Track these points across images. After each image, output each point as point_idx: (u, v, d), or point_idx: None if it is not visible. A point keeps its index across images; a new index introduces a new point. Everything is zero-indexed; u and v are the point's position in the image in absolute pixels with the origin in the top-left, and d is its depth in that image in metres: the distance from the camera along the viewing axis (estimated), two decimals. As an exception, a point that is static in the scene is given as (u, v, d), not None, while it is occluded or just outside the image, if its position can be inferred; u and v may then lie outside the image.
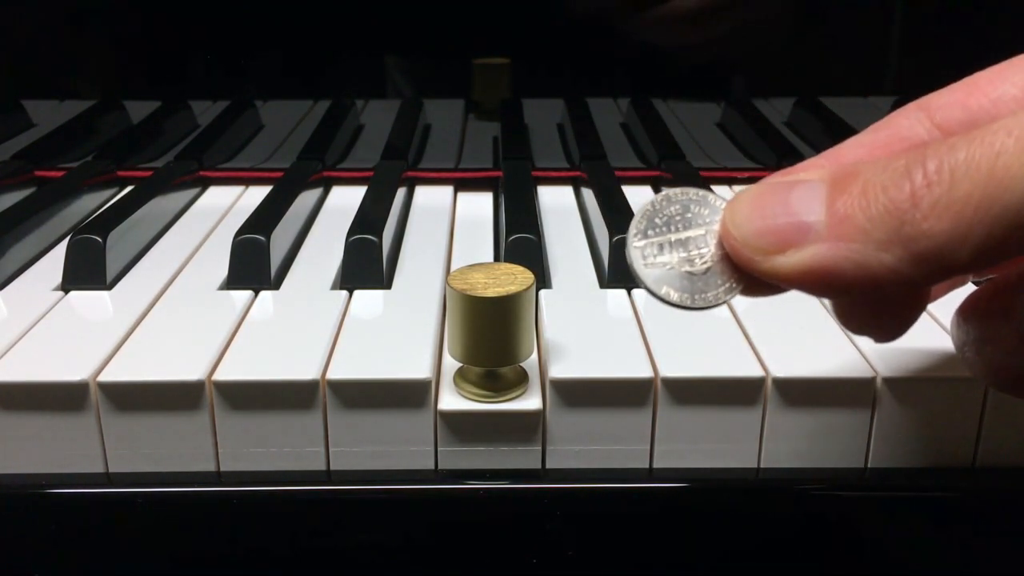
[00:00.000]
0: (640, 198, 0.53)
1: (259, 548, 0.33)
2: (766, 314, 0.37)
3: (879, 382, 0.32)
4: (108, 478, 0.33)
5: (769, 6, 0.59)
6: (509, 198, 0.48)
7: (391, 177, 0.52)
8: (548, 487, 0.33)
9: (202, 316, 0.37)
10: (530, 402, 0.32)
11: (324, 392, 0.32)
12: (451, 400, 0.32)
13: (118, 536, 0.33)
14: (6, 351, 0.34)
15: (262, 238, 0.41)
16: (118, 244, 0.42)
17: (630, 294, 0.39)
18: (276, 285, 0.41)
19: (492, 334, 0.31)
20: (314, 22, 0.59)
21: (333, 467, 0.33)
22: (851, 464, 0.33)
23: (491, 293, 0.30)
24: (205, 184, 0.56)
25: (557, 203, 0.53)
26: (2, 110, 0.61)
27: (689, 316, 0.37)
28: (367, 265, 0.40)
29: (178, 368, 0.32)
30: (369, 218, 0.44)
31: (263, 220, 0.44)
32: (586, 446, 0.33)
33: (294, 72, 0.62)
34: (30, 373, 0.32)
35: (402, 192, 0.52)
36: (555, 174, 0.56)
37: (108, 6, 0.59)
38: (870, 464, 0.33)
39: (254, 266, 0.41)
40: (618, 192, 0.48)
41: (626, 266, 0.41)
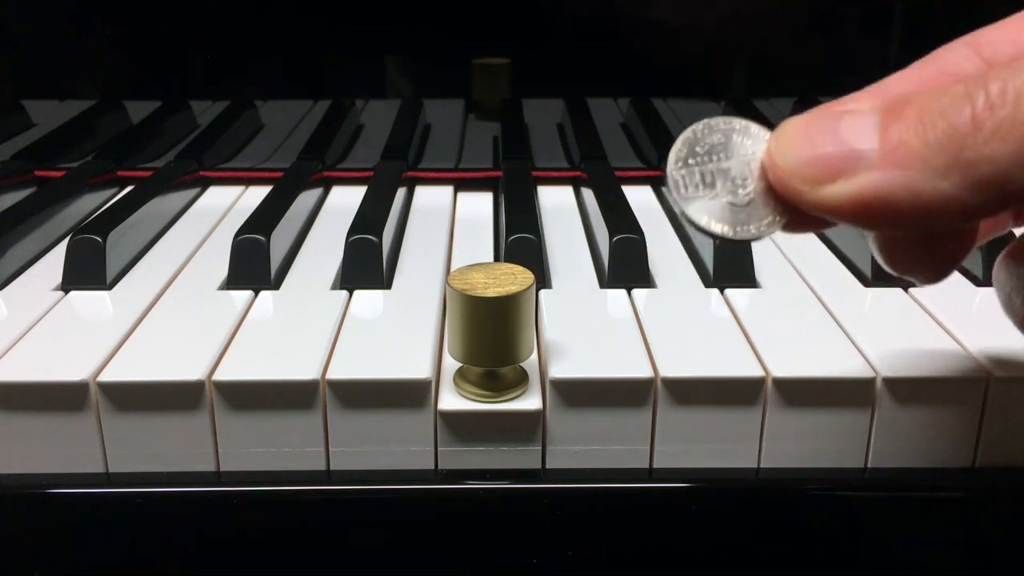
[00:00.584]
0: (640, 198, 0.53)
1: (259, 548, 0.33)
2: (766, 314, 0.37)
3: (879, 382, 0.32)
4: (108, 478, 0.33)
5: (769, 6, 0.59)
6: (509, 198, 0.48)
7: (391, 177, 0.52)
8: (548, 487, 0.32)
9: (202, 316, 0.37)
10: (530, 402, 0.32)
11: (324, 392, 0.32)
12: (451, 400, 0.32)
13: (118, 536, 0.33)
14: (6, 351, 0.34)
15: (262, 238, 0.41)
16: (118, 244, 0.42)
17: (630, 294, 0.39)
18: (276, 285, 0.41)
19: (492, 334, 0.31)
20: (314, 22, 0.59)
21: (333, 467, 0.33)
22: (851, 464, 0.33)
23: (491, 293, 0.30)
24: (205, 184, 0.56)
25: (557, 203, 0.53)
26: (2, 110, 0.61)
27: (688, 316, 0.37)
28: (367, 265, 0.40)
29: (178, 368, 0.32)
30: (369, 218, 0.44)
31: (263, 220, 0.44)
32: (586, 446, 0.33)
33: (294, 72, 0.62)
34: (30, 373, 0.32)
35: (402, 192, 0.52)
36: (555, 174, 0.56)
37: (108, 6, 0.59)
38: (870, 464, 0.33)
39: (254, 266, 0.41)
40: (618, 192, 0.48)
41: (626, 266, 0.41)
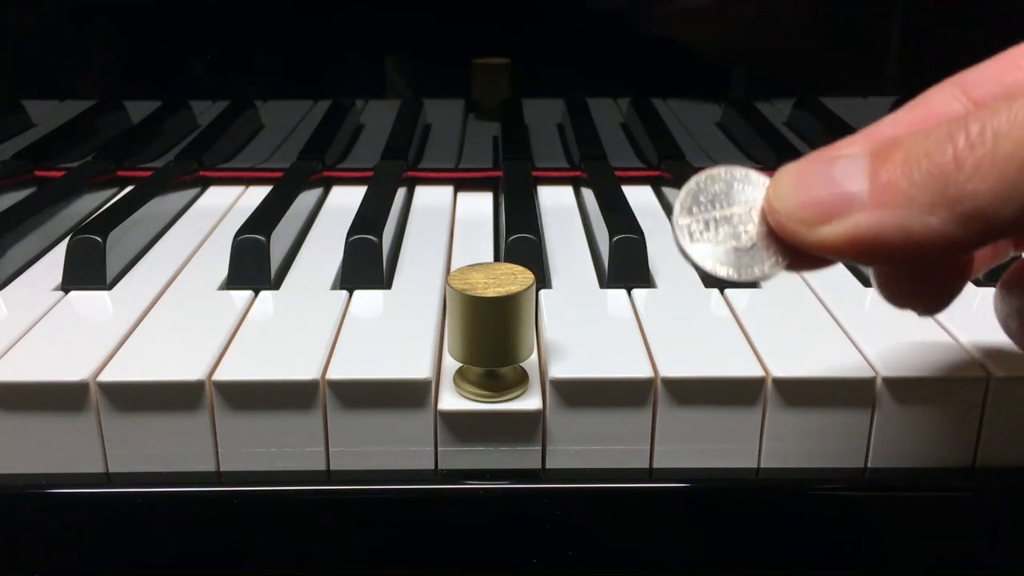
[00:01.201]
0: (640, 198, 0.53)
1: (259, 548, 0.33)
2: (766, 314, 0.37)
3: (879, 382, 0.32)
4: (108, 478, 0.33)
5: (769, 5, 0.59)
6: (509, 198, 0.48)
7: (391, 177, 0.52)
8: (548, 487, 0.32)
9: (202, 316, 0.37)
10: (530, 402, 0.32)
11: (324, 392, 0.32)
12: (451, 400, 0.32)
13: (118, 536, 0.33)
14: (6, 351, 0.34)
15: (262, 238, 0.41)
16: (118, 244, 0.42)
17: (630, 294, 0.39)
18: (276, 285, 0.41)
19: (492, 334, 0.31)
20: (314, 22, 0.59)
21: (333, 467, 0.33)
22: (851, 464, 0.33)
23: (491, 293, 0.30)
24: (205, 184, 0.56)
25: (557, 203, 0.53)
26: (2, 110, 0.61)
27: (688, 316, 0.37)
28: (367, 265, 0.40)
29: (178, 368, 0.32)
30: (369, 218, 0.44)
31: (263, 220, 0.44)
32: (586, 446, 0.33)
33: (294, 72, 0.62)
34: (30, 373, 0.32)
35: (402, 192, 0.52)
36: (555, 174, 0.56)
37: (108, 6, 0.59)
38: (870, 464, 0.33)
39: (254, 266, 0.41)
40: (618, 192, 0.48)
41: (626, 266, 0.41)
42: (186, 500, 0.32)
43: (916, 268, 0.27)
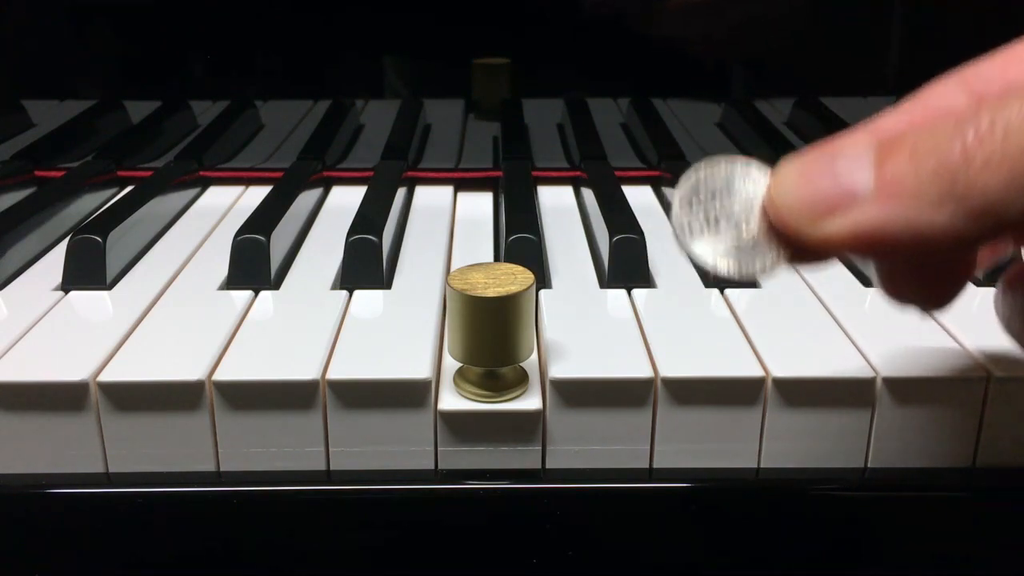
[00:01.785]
0: (640, 198, 0.53)
1: (259, 548, 0.33)
2: (766, 314, 0.37)
3: (879, 382, 0.32)
4: (108, 478, 0.33)
5: (770, 4, 0.59)
6: (509, 198, 0.48)
7: (391, 177, 0.52)
8: (548, 487, 0.32)
9: (202, 316, 0.37)
10: (530, 402, 0.32)
11: (324, 392, 0.32)
12: (451, 400, 0.32)
13: (118, 536, 0.33)
14: (6, 351, 0.34)
15: (262, 238, 0.41)
16: (118, 244, 0.42)
17: (630, 294, 0.39)
18: (276, 285, 0.41)
19: (492, 334, 0.31)
20: (314, 22, 0.59)
21: (333, 467, 0.33)
22: (851, 464, 0.33)
23: (491, 293, 0.30)
24: (205, 184, 0.56)
25: (557, 203, 0.53)
26: (2, 110, 0.61)
27: (688, 316, 0.37)
28: (367, 265, 0.40)
29: (178, 368, 0.32)
30: (369, 218, 0.44)
31: (263, 220, 0.44)
32: (586, 446, 0.33)
33: (294, 72, 0.62)
34: (30, 373, 0.32)
35: (402, 192, 0.52)
36: (555, 174, 0.56)
37: (108, 6, 0.59)
38: (870, 464, 0.33)
39: (254, 266, 0.41)
40: (618, 192, 0.48)
41: (626, 265, 0.41)
42: (186, 500, 0.32)
43: (919, 264, 0.27)
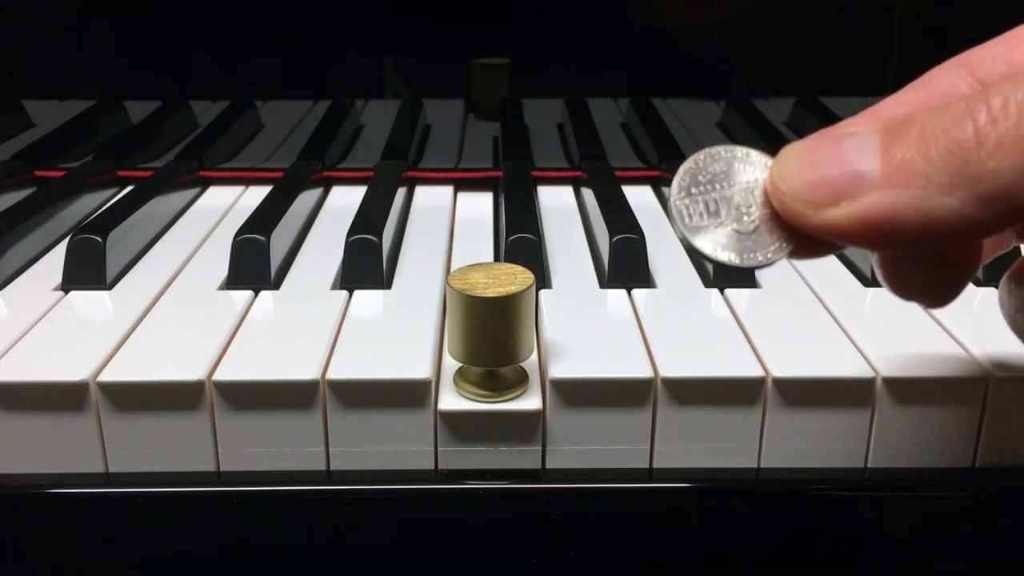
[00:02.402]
0: (640, 198, 0.53)
1: (259, 548, 0.33)
2: (766, 314, 0.37)
3: (879, 382, 0.32)
4: (108, 478, 0.33)
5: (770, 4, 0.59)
6: (509, 198, 0.48)
7: (391, 177, 0.52)
8: (548, 487, 0.32)
9: (202, 316, 0.37)
10: (530, 402, 0.32)
11: (324, 392, 0.32)
12: (451, 400, 0.32)
13: (118, 536, 0.33)
14: (6, 351, 0.34)
15: (262, 238, 0.41)
16: (118, 244, 0.42)
17: (630, 294, 0.39)
18: (276, 285, 0.41)
19: (492, 334, 0.31)
20: (314, 22, 0.59)
21: (333, 467, 0.33)
22: (851, 464, 0.33)
23: (491, 293, 0.30)
24: (205, 184, 0.56)
25: (557, 203, 0.53)
26: (2, 110, 0.61)
27: (688, 316, 0.37)
28: (367, 265, 0.40)
29: (178, 368, 0.32)
30: (369, 218, 0.44)
31: (263, 220, 0.44)
32: (586, 446, 0.33)
33: (294, 72, 0.62)
34: (30, 373, 0.32)
35: (402, 192, 0.52)
36: (555, 174, 0.56)
37: (108, 6, 0.59)
38: (870, 464, 0.33)
39: (254, 266, 0.41)
40: (618, 192, 0.48)
41: (626, 266, 0.41)
42: (186, 500, 0.32)
43: (925, 255, 0.26)
